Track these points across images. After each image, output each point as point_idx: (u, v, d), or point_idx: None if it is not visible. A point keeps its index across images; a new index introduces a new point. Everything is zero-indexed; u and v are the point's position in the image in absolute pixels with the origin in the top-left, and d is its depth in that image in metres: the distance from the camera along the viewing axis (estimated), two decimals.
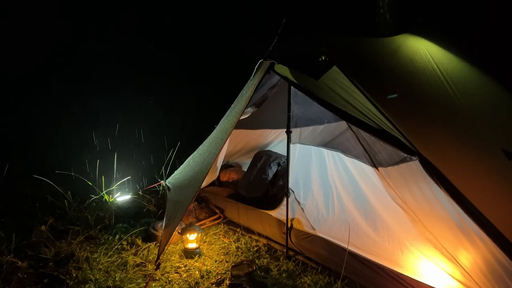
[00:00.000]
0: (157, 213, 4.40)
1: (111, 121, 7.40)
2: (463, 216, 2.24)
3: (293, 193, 3.42)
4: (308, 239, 3.33)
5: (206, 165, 3.33)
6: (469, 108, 3.22)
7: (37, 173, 4.48)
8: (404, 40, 3.58)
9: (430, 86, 3.22)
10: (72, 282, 3.07)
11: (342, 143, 2.98)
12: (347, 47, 3.30)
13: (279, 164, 4.41)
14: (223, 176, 4.84)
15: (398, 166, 2.57)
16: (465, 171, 2.55)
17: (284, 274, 3.19)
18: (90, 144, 6.76)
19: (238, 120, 3.20)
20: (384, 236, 2.81)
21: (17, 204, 4.46)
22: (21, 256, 3.40)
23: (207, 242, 3.81)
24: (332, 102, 2.82)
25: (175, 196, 3.65)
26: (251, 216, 3.95)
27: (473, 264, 2.32)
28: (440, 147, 2.62)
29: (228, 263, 3.39)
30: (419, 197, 2.52)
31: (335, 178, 3.12)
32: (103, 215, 4.27)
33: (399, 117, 2.59)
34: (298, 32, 3.08)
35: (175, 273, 3.27)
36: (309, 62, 3.27)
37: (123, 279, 3.14)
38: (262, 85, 3.61)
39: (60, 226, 4.00)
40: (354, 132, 2.82)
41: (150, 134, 7.56)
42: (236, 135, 4.74)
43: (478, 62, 3.92)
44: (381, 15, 6.05)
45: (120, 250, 3.61)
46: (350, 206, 3.03)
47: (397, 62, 3.31)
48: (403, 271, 2.69)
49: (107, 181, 4.81)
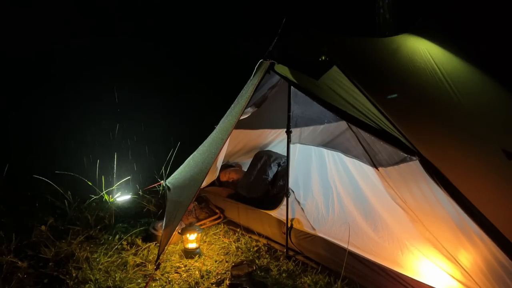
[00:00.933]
0: (157, 213, 4.40)
1: (111, 121, 7.40)
2: (463, 216, 2.24)
3: (293, 193, 3.42)
4: (308, 239, 3.33)
5: (206, 165, 3.33)
6: (469, 108, 3.22)
7: (37, 173, 4.48)
8: (404, 40, 3.58)
9: (430, 86, 3.22)
10: (72, 282, 3.07)
11: (342, 143, 2.98)
12: (347, 47, 3.30)
13: (279, 164, 4.41)
14: (223, 176, 4.83)
15: (398, 166, 2.57)
16: (465, 171, 2.55)
17: (284, 274, 3.19)
18: (90, 144, 6.76)
19: (238, 120, 3.20)
20: (384, 236, 2.81)
21: (17, 204, 4.46)
22: (21, 256, 3.39)
23: (207, 242, 3.81)
24: (332, 102, 2.82)
25: (175, 196, 3.65)
26: (251, 216, 3.95)
27: (473, 264, 2.32)
28: (440, 147, 2.62)
29: (228, 263, 3.39)
30: (419, 197, 2.52)
31: (335, 178, 3.12)
32: (103, 215, 4.27)
33: (399, 117, 2.59)
34: (297, 30, 3.07)
35: (175, 273, 3.27)
36: (309, 62, 3.27)
37: (123, 279, 3.14)
38: (262, 85, 3.61)
39: (60, 226, 4.00)
40: (354, 132, 2.82)
41: (150, 134, 7.56)
42: (236, 135, 4.74)
43: (478, 62, 3.92)
44: (381, 15, 6.04)
45: (120, 250, 3.61)
46: (350, 206, 3.03)
47: (397, 62, 3.31)
48: (403, 271, 2.69)
49: (107, 181, 4.81)
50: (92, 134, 7.16)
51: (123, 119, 7.59)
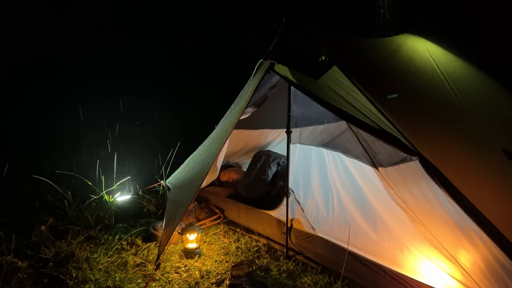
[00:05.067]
0: (157, 213, 4.40)
1: (111, 121, 7.40)
2: (463, 216, 2.24)
3: (293, 193, 3.42)
4: (308, 239, 3.33)
5: (206, 165, 3.33)
6: (469, 108, 3.22)
7: (37, 173, 4.48)
8: (404, 40, 3.58)
9: (430, 86, 3.22)
10: (72, 282, 3.07)
11: (342, 143, 2.98)
12: (347, 47, 3.29)
13: (279, 164, 4.41)
14: (223, 176, 4.83)
15: (398, 166, 2.57)
16: (465, 171, 2.55)
17: (284, 274, 3.19)
18: (90, 144, 6.76)
19: (238, 120, 3.20)
20: (384, 236, 2.81)
21: (17, 204, 4.46)
22: (21, 256, 3.39)
23: (207, 242, 3.81)
24: (332, 102, 2.82)
25: (175, 196, 3.65)
26: (251, 216, 3.95)
27: (473, 264, 2.32)
28: (440, 147, 2.62)
29: (228, 263, 3.39)
30: (419, 197, 2.51)
31: (335, 178, 3.11)
32: (103, 215, 4.27)
33: (399, 117, 2.58)
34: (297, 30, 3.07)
35: (175, 273, 3.27)
36: (309, 62, 3.27)
37: (123, 279, 3.14)
38: (262, 85, 3.60)
39: (60, 226, 3.99)
40: (354, 132, 2.82)
41: (150, 134, 7.56)
42: (236, 135, 4.74)
43: (478, 62, 3.91)
44: (381, 15, 6.04)
45: (120, 250, 3.61)
46: (350, 206, 3.03)
47: (397, 62, 3.31)
48: (403, 271, 2.69)
49: (107, 181, 4.81)
50: (92, 134, 7.15)
51: (123, 119, 7.58)
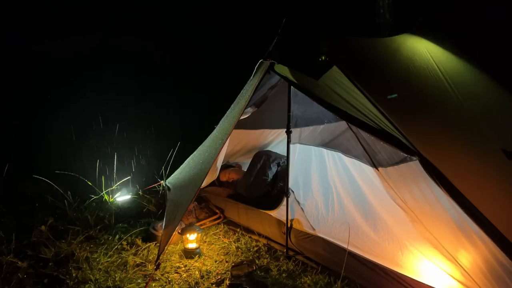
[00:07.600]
0: (157, 213, 4.39)
1: (111, 121, 7.39)
2: (463, 216, 2.24)
3: (293, 193, 3.42)
4: (308, 239, 3.33)
5: (206, 165, 3.33)
6: (469, 108, 3.22)
7: (37, 173, 4.48)
8: (404, 40, 3.58)
9: (430, 86, 3.22)
10: (72, 282, 3.07)
11: (342, 143, 2.98)
12: (347, 47, 3.29)
13: (279, 164, 4.40)
14: (223, 176, 4.83)
15: (398, 166, 2.57)
16: (465, 171, 2.55)
17: (284, 274, 3.19)
18: (90, 144, 6.76)
19: (238, 120, 3.20)
20: (384, 236, 2.81)
21: (17, 204, 4.45)
22: (21, 256, 3.39)
23: (207, 242, 3.81)
24: (332, 102, 2.82)
25: (175, 196, 3.65)
26: (251, 216, 3.95)
27: (473, 264, 2.32)
28: (440, 147, 2.62)
29: (228, 263, 3.39)
30: (419, 197, 2.52)
31: (335, 178, 3.11)
32: (103, 215, 4.26)
33: (399, 117, 2.59)
34: (297, 30, 3.07)
35: (175, 273, 3.27)
36: (309, 62, 3.27)
37: (123, 279, 3.14)
38: (262, 85, 3.60)
39: (60, 226, 3.99)
40: (354, 132, 2.82)
41: (150, 134, 7.56)
42: (236, 135, 4.73)
43: (478, 61, 3.91)
44: (381, 15, 6.05)
45: (120, 250, 3.61)
46: (350, 206, 3.03)
47: (397, 62, 3.31)
48: (403, 271, 2.69)
49: (106, 181, 4.81)
50: (92, 134, 7.15)
51: (123, 119, 7.58)
